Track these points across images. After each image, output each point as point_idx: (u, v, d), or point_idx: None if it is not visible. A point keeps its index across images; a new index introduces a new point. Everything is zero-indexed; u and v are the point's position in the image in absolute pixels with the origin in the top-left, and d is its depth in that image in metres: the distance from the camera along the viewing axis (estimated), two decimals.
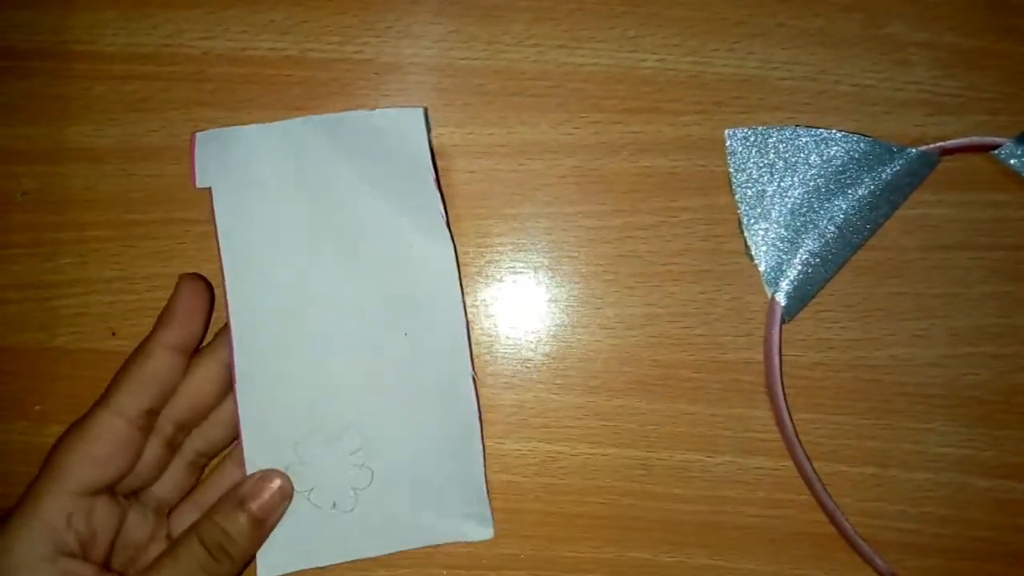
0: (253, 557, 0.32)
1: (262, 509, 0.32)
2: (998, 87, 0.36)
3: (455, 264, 0.34)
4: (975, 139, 0.35)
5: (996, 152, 0.35)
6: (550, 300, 0.36)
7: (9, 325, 0.36)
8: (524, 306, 0.36)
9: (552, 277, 0.36)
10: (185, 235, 0.36)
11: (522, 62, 0.36)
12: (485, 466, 0.34)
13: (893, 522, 0.35)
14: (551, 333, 0.36)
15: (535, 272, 0.36)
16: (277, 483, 0.32)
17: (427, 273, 0.34)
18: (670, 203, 0.36)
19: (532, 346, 0.36)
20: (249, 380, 0.33)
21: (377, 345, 0.33)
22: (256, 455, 0.33)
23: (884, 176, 0.35)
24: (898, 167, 0.35)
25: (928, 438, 0.35)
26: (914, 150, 0.35)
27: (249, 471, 0.33)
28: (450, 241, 0.34)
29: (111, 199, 0.36)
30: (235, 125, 0.36)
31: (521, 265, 0.36)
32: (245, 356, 0.33)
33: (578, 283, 0.36)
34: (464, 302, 0.34)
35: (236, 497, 0.32)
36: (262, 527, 0.32)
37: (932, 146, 0.35)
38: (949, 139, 0.35)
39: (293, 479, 0.33)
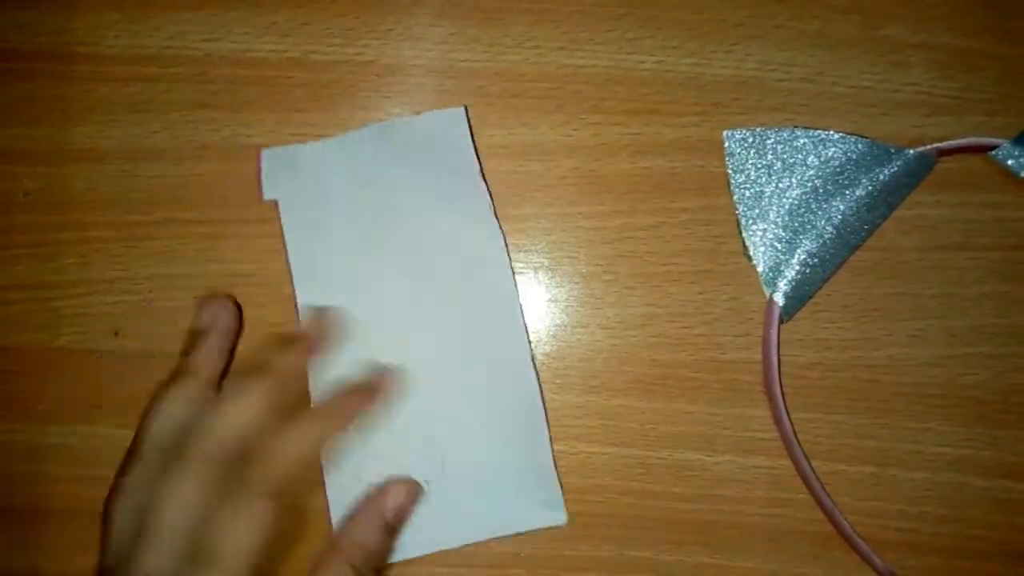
0: None
1: (398, 518, 0.33)
2: (995, 88, 0.36)
3: (506, 253, 0.35)
4: (972, 140, 0.35)
5: (993, 153, 0.35)
6: (550, 300, 0.36)
7: (12, 325, 0.36)
8: (524, 306, 0.36)
9: (552, 277, 0.36)
10: (186, 235, 0.36)
11: (522, 64, 0.36)
12: (553, 451, 0.35)
13: (891, 521, 0.35)
14: (551, 333, 0.36)
15: (535, 272, 0.36)
16: (406, 488, 0.33)
17: (480, 265, 0.35)
18: (669, 204, 0.36)
19: (532, 346, 0.36)
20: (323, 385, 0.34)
21: (438, 340, 0.35)
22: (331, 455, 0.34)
23: (882, 177, 0.35)
24: (896, 168, 0.35)
25: (926, 438, 0.36)
26: (911, 151, 0.35)
27: (325, 470, 0.34)
28: (499, 231, 0.35)
29: (113, 200, 0.36)
30: (238, 126, 0.36)
31: (521, 265, 0.36)
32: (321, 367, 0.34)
33: (578, 283, 0.36)
34: (517, 289, 0.35)
35: (377, 513, 0.32)
36: (395, 534, 0.33)
37: (929, 147, 0.35)
38: (947, 140, 0.35)
39: (365, 472, 0.33)
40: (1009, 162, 0.35)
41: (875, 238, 0.36)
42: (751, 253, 0.35)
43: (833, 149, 0.35)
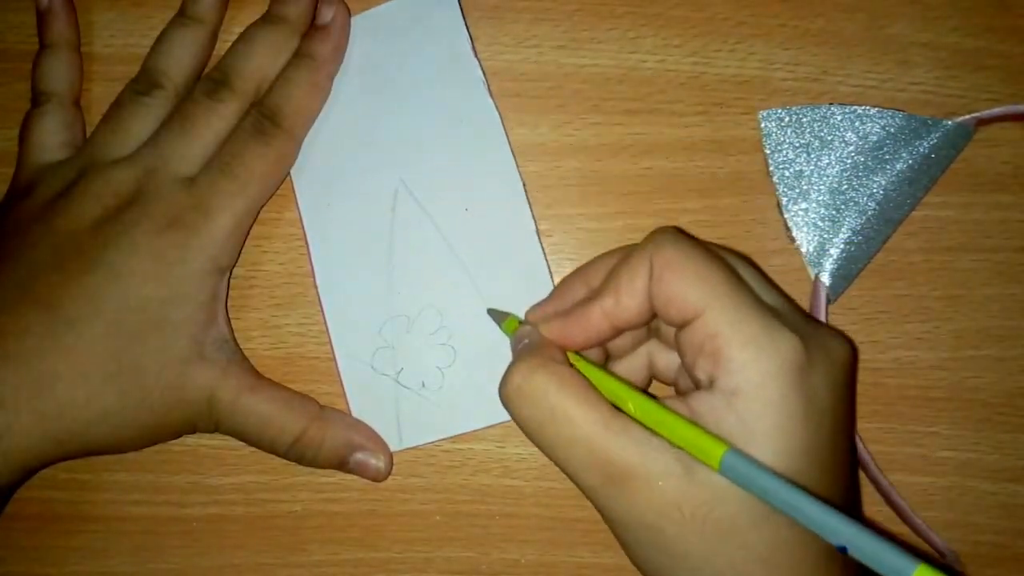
0: None
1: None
2: (1001, 87, 0.35)
3: (502, 128, 0.35)
4: (1011, 108, 0.35)
5: None
6: None
7: None
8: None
9: (554, 280, 0.36)
10: None
11: (522, 63, 0.36)
12: None
13: (896, 527, 0.35)
14: None
15: None
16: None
17: (477, 141, 0.35)
18: (671, 205, 0.35)
19: None
20: (330, 277, 0.35)
21: (440, 224, 0.35)
22: (344, 343, 0.35)
23: (921, 150, 0.34)
24: (935, 140, 0.34)
25: (931, 442, 0.35)
26: (949, 122, 0.34)
27: (339, 358, 0.35)
28: (493, 107, 0.35)
29: None
30: None
31: None
32: (323, 258, 0.35)
33: None
34: (517, 164, 0.35)
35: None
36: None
37: (968, 117, 0.35)
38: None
39: (381, 363, 0.34)
40: None
41: None
42: (794, 235, 0.35)
43: (870, 124, 0.35)
